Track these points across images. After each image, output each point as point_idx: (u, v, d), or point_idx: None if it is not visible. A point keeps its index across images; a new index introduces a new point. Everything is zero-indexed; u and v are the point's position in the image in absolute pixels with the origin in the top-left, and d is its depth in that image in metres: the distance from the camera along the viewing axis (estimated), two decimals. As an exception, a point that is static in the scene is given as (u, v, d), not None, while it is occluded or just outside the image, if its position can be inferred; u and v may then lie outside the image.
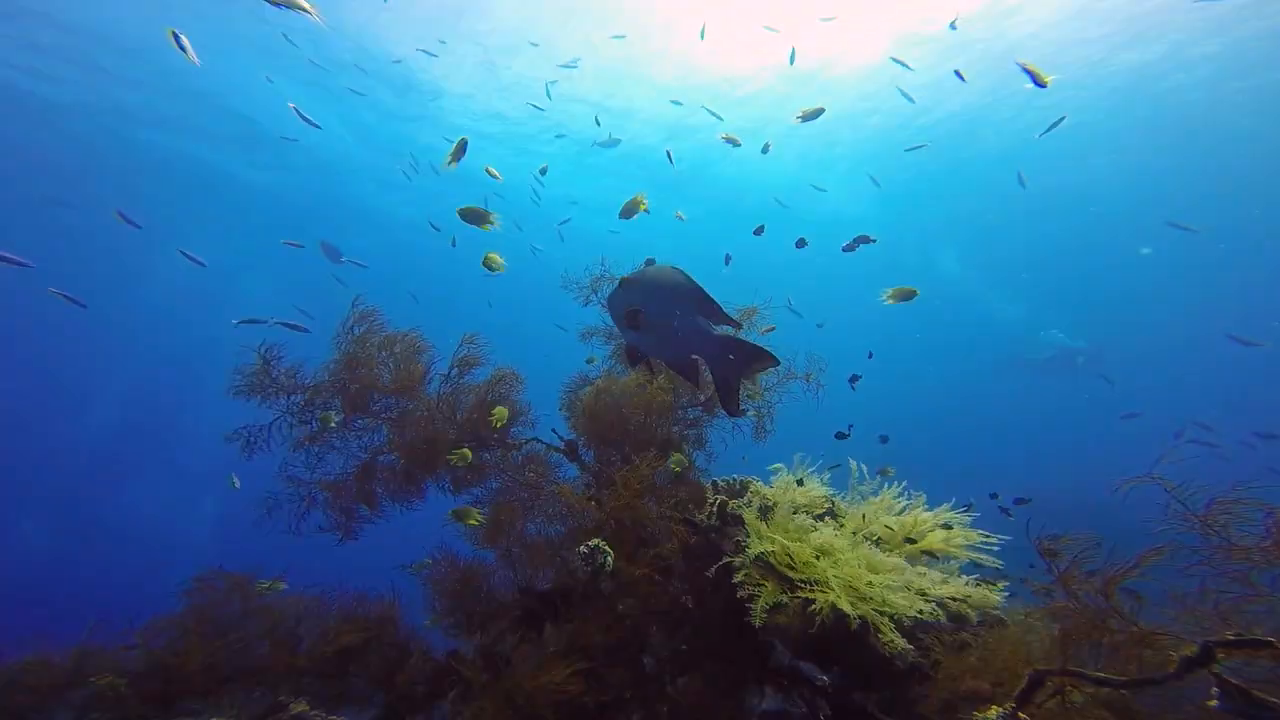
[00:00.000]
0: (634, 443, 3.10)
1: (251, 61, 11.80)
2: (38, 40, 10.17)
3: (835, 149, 15.54)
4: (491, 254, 2.91)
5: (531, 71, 12.07)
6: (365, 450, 3.11)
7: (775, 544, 2.27)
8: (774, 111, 13.92)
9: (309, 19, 3.07)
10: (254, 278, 22.76)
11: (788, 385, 3.38)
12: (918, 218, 19.36)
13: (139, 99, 12.30)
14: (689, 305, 2.31)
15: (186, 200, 16.78)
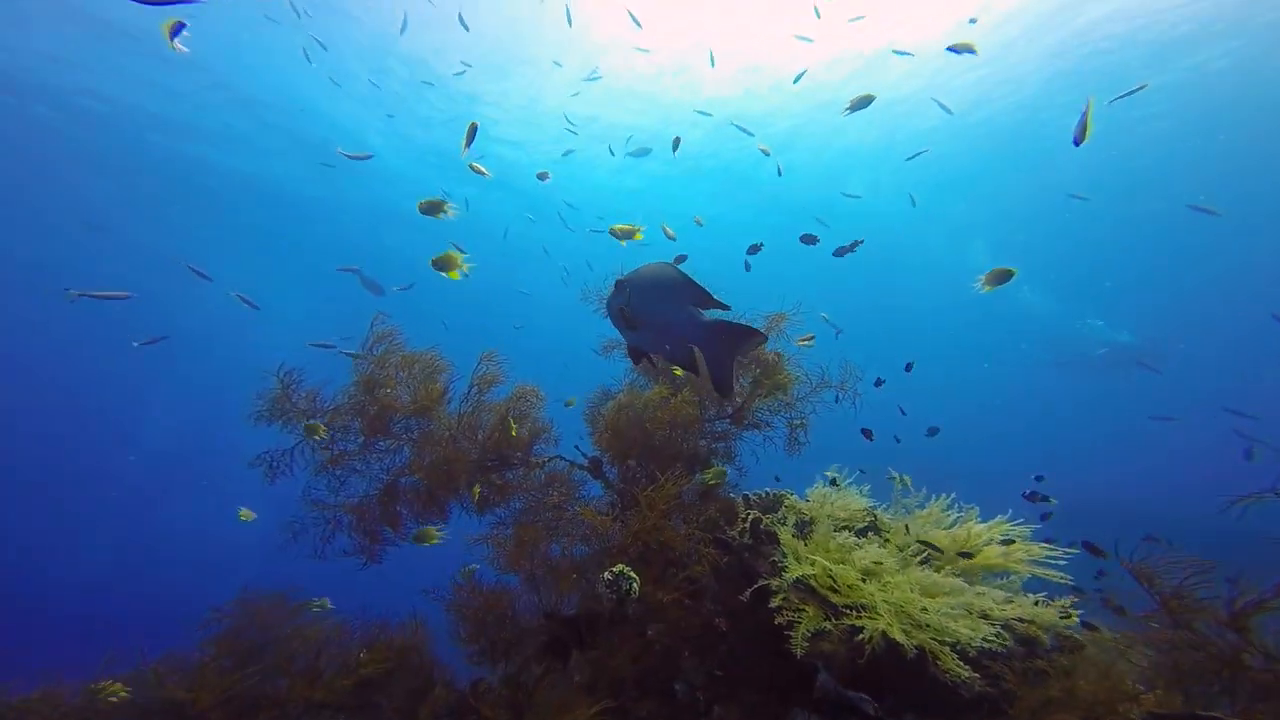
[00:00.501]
0: (659, 458, 2.96)
1: (303, 81, 12.28)
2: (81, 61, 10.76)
3: (858, 146, 15.28)
4: (451, 253, 2.86)
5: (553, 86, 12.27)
6: (386, 472, 3.06)
7: (816, 566, 2.09)
8: (802, 115, 13.82)
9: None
10: (288, 301, 23.61)
11: (821, 394, 3.19)
12: (946, 211, 18.79)
13: (178, 115, 12.86)
14: (679, 297, 2.27)
15: (218, 222, 17.52)
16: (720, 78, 12.22)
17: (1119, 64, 12.30)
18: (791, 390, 3.21)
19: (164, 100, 11.86)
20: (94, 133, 12.60)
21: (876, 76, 12.47)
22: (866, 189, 16.06)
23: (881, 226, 19.03)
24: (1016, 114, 14.01)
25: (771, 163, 14.44)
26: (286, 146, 13.94)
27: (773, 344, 3.26)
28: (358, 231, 18.06)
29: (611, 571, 2.11)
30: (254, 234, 17.98)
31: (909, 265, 22.65)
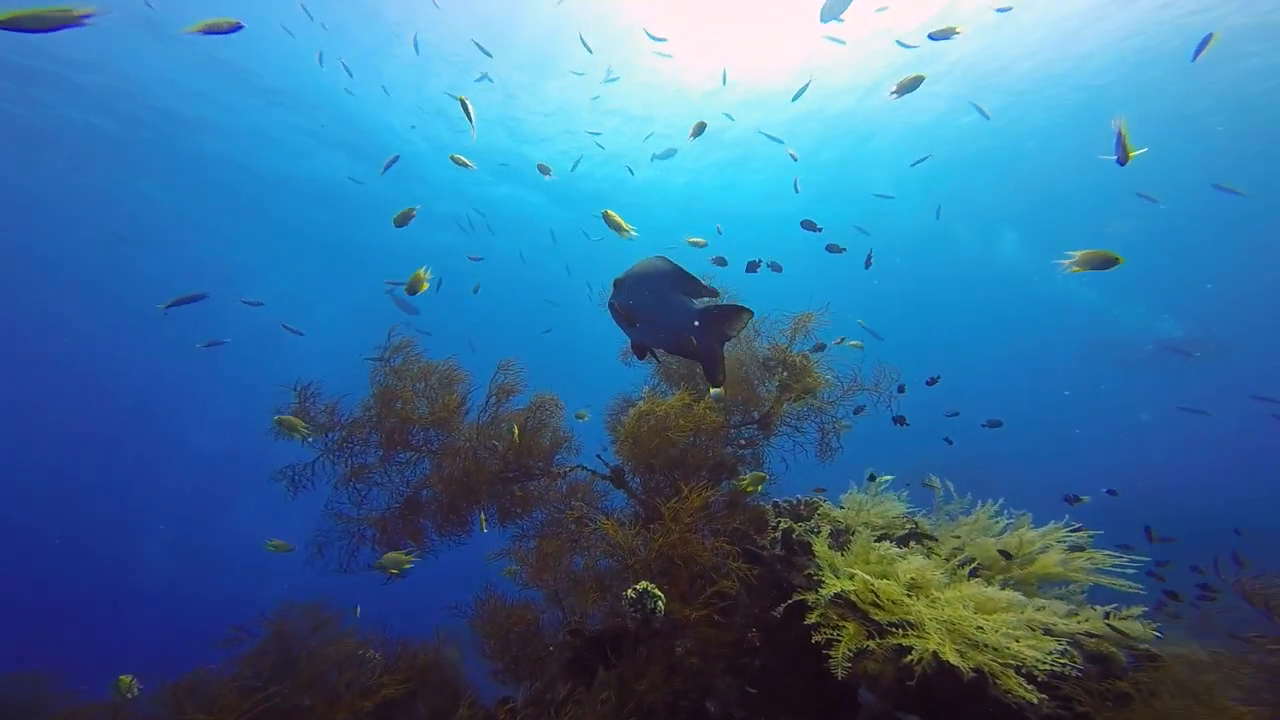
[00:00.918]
0: (683, 466, 2.84)
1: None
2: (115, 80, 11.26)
3: (872, 141, 14.91)
4: (419, 271, 2.87)
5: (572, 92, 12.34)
6: (407, 485, 3.02)
7: (856, 580, 1.94)
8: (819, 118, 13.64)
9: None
10: (324, 309, 24.23)
11: (854, 397, 3.03)
12: (971, 202, 18.14)
13: (220, 120, 13.31)
14: (670, 287, 2.27)
15: (257, 234, 18.10)
16: (745, 81, 12.08)
17: (1154, 47, 11.75)
18: (821, 394, 3.05)
19: (204, 105, 12.28)
20: (136, 138, 13.07)
21: (899, 70, 12.19)
22: (893, 187, 15.66)
23: (910, 225, 18.52)
24: (1045, 100, 13.49)
25: (801, 164, 14.28)
26: (323, 149, 14.25)
27: (802, 345, 3.12)
28: (394, 236, 18.32)
29: (635, 589, 2.00)
30: (292, 238, 18.43)
31: (938, 261, 21.91)
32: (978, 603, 1.75)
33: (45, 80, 10.97)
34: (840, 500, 3.76)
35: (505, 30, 10.80)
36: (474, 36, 10.43)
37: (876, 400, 2.99)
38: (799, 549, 2.91)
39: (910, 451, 4.40)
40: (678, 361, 3.61)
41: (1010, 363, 30.48)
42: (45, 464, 26.18)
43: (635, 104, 12.91)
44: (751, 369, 3.34)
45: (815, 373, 3.00)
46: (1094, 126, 14.03)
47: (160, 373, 25.98)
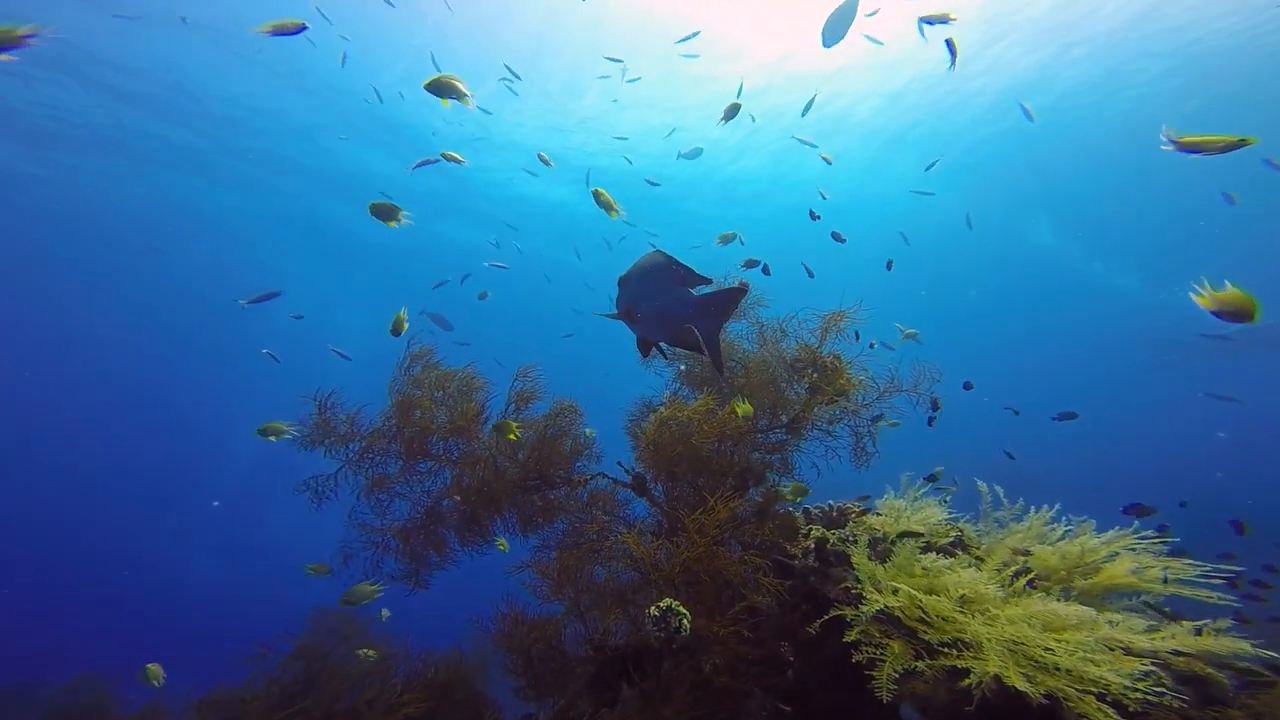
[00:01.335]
0: (708, 473, 2.72)
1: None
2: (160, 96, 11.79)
3: (901, 133, 14.49)
4: (399, 315, 2.85)
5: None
6: (428, 495, 2.99)
7: (900, 595, 1.78)
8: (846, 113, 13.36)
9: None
10: (349, 314, 24.87)
11: (891, 399, 2.85)
12: (1000, 191, 17.41)
13: (256, 123, 13.82)
14: (668, 280, 2.26)
15: (289, 243, 18.69)
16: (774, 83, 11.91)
17: (1190, 27, 11.11)
18: (854, 395, 2.88)
19: (238, 108, 12.77)
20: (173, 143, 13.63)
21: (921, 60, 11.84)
22: (917, 182, 15.18)
23: (939, 220, 17.92)
24: (1073, 84, 12.88)
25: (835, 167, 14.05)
26: (358, 150, 14.60)
27: (833, 345, 2.96)
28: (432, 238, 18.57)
29: (659, 607, 1.89)
30: (322, 242, 18.91)
31: (968, 252, 21.09)
32: (1043, 620, 1.58)
33: (82, 78, 11.39)
34: (876, 506, 3.57)
35: (546, 34, 10.87)
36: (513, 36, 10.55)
37: (916, 402, 2.80)
38: (834, 559, 2.75)
39: (949, 455, 4.16)
40: (700, 365, 3.49)
41: (1047, 356, 29.10)
42: (96, 474, 27.46)
43: (661, 103, 12.85)
44: (778, 370, 3.20)
45: (848, 374, 2.84)
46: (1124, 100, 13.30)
47: (201, 382, 27.02)
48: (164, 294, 21.23)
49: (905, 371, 2.79)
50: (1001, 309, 25.34)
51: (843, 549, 2.80)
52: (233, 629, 14.74)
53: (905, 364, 2.80)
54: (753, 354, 3.24)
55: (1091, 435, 26.91)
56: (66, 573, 23.72)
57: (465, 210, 17.14)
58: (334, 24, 9.71)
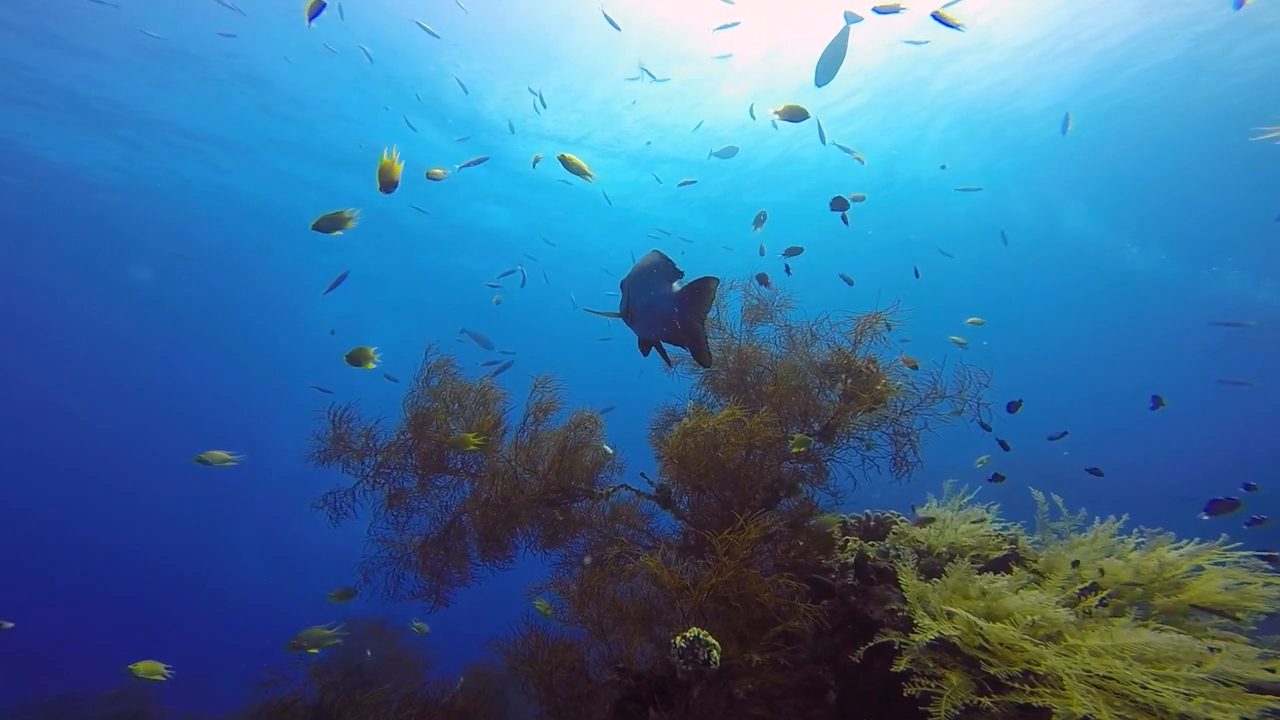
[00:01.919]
0: (736, 485, 2.56)
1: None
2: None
3: (928, 119, 14.06)
4: (365, 350, 2.72)
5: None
6: (445, 510, 2.91)
7: (957, 621, 1.59)
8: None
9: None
10: (385, 322, 25.34)
11: (933, 406, 2.65)
12: (1031, 174, 16.67)
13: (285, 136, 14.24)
14: (659, 278, 2.30)
15: (318, 248, 19.12)
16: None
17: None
18: (891, 403, 2.69)
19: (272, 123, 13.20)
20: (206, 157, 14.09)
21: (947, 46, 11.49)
22: (948, 173, 14.70)
23: (967, 212, 17.35)
24: (1104, 63, 12.29)
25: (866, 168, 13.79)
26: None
27: (869, 349, 2.78)
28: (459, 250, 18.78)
29: (685, 637, 1.74)
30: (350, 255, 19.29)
31: (998, 244, 20.27)
32: (1135, 651, 1.37)
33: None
34: (917, 515, 3.34)
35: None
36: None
37: (960, 407, 2.58)
38: (876, 576, 2.55)
39: (995, 462, 3.88)
40: (724, 371, 3.34)
41: (1085, 348, 27.68)
42: (138, 486, 28.40)
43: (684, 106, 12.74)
44: (809, 376, 3.03)
45: (886, 379, 2.65)
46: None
47: (233, 395, 27.80)
48: (195, 303, 21.94)
49: (949, 375, 2.58)
50: (1035, 299, 24.21)
51: (885, 565, 2.61)
52: (276, 635, 14.96)
53: (949, 368, 2.60)
54: (781, 359, 3.08)
55: (1140, 429, 25.44)
56: (105, 581, 24.53)
57: (505, 197, 17.20)
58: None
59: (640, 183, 16.02)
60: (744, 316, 3.32)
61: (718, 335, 3.32)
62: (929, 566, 2.77)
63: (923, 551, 2.92)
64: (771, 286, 3.32)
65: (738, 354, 3.26)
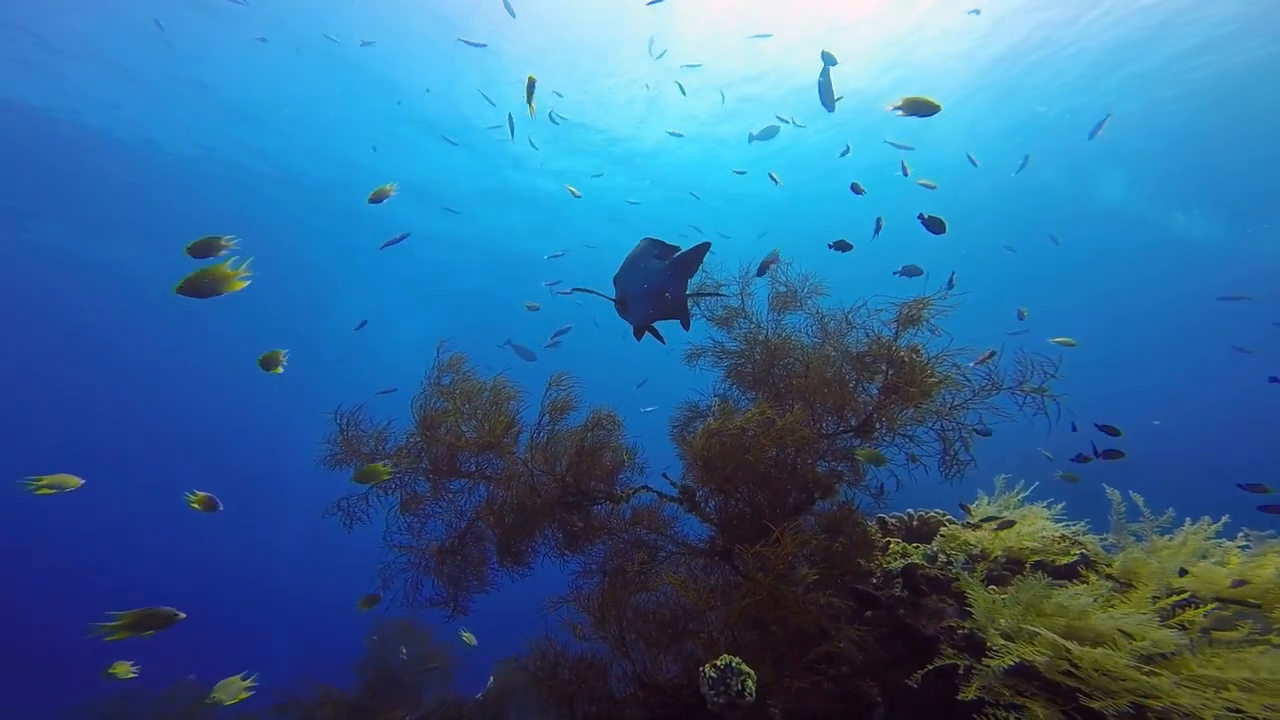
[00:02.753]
0: (767, 488, 2.35)
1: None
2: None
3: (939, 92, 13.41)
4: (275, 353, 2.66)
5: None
6: (459, 515, 2.78)
7: (1040, 644, 1.36)
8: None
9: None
10: (409, 325, 25.64)
11: (987, 400, 2.38)
12: (1062, 145, 15.64)
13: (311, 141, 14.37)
14: (648, 259, 2.36)
15: (350, 256, 19.48)
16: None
17: None
18: (938, 396, 2.43)
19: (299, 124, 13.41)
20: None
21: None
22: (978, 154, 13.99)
23: (993, 183, 16.38)
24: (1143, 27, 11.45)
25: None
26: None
27: (912, 338, 2.53)
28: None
29: (716, 666, 1.55)
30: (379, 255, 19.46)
31: (1030, 219, 19.09)
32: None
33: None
34: (966, 514, 3.07)
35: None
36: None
37: (1022, 402, 2.30)
38: (927, 586, 2.31)
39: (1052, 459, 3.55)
40: (751, 363, 3.12)
41: (1131, 324, 25.95)
42: (177, 487, 29.26)
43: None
44: (844, 367, 2.79)
45: (933, 370, 2.40)
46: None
47: (254, 398, 28.27)
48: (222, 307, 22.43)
49: (1007, 364, 2.30)
50: (1074, 272, 22.65)
51: (937, 573, 2.37)
52: (316, 636, 15.17)
53: (1007, 356, 2.32)
54: (813, 348, 2.85)
55: (1183, 412, 23.82)
56: (149, 583, 25.44)
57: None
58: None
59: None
60: (771, 305, 3.09)
61: (744, 325, 3.10)
62: (986, 574, 2.51)
63: (975, 556, 2.67)
64: (777, 269, 3.08)
65: (765, 345, 3.04)
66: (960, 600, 2.12)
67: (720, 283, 3.12)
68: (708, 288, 3.14)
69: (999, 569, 2.49)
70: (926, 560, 2.62)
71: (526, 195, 16.61)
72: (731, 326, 3.19)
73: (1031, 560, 2.36)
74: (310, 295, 22.56)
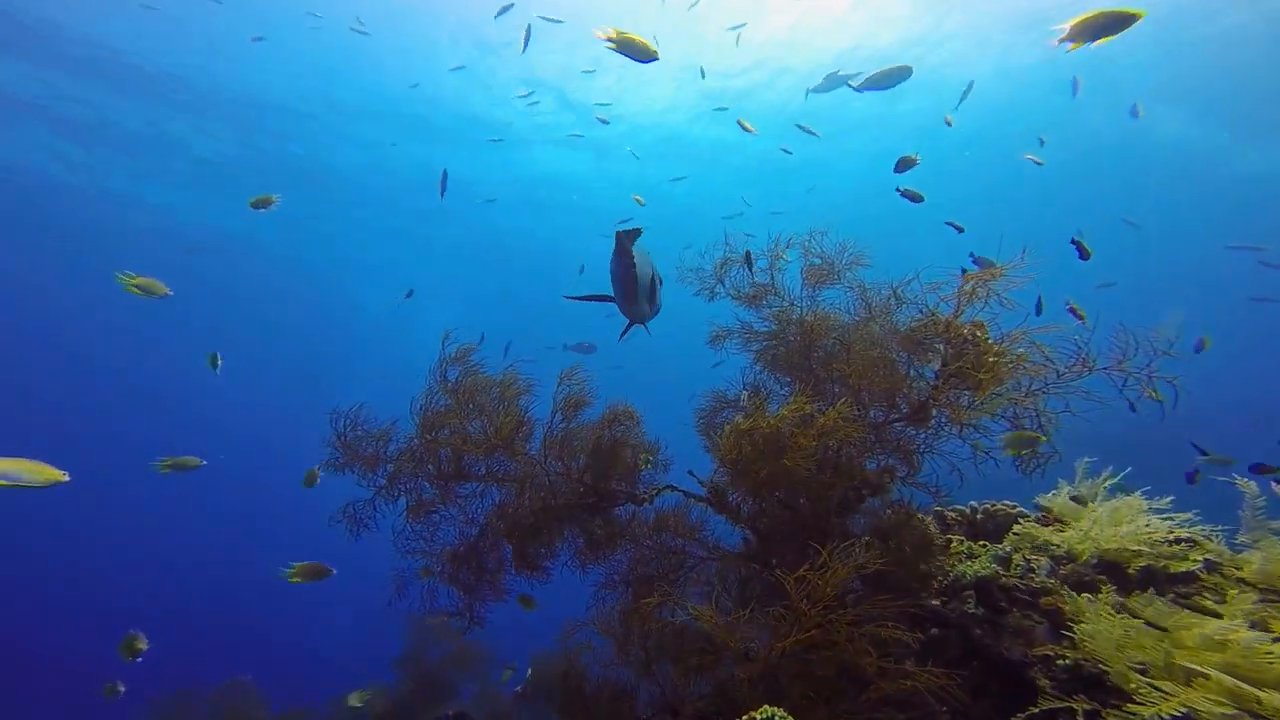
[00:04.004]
0: (808, 490, 2.04)
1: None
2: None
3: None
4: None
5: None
6: (469, 521, 2.58)
7: (1213, 686, 1.02)
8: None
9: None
10: (441, 304, 25.78)
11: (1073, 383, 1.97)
12: (1116, 87, 13.93)
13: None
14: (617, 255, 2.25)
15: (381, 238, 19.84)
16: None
17: None
18: (1008, 378, 2.04)
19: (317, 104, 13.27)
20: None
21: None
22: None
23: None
24: None
25: None
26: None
27: (974, 313, 2.15)
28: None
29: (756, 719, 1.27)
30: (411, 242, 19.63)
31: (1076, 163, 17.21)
32: None
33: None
34: (1042, 507, 2.66)
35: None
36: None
37: (1121, 385, 1.87)
38: (1006, 600, 1.95)
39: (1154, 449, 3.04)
40: (783, 345, 2.78)
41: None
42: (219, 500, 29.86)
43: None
44: (891, 346, 2.42)
45: (1001, 349, 2.01)
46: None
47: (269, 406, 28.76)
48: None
49: (1101, 340, 1.88)
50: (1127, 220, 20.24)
51: (1016, 582, 2.00)
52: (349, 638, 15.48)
53: (1102, 333, 1.90)
54: (856, 326, 2.49)
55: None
56: (193, 585, 26.22)
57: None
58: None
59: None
60: (805, 279, 2.74)
61: (774, 303, 2.77)
62: (1073, 579, 2.13)
63: (1059, 558, 2.28)
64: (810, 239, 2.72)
65: (799, 325, 2.69)
66: (1052, 618, 1.77)
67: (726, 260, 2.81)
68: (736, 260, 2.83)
69: (1090, 574, 2.11)
70: (998, 563, 2.26)
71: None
72: (761, 305, 2.86)
73: (1136, 565, 1.97)
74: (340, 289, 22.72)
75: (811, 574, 1.50)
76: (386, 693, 5.75)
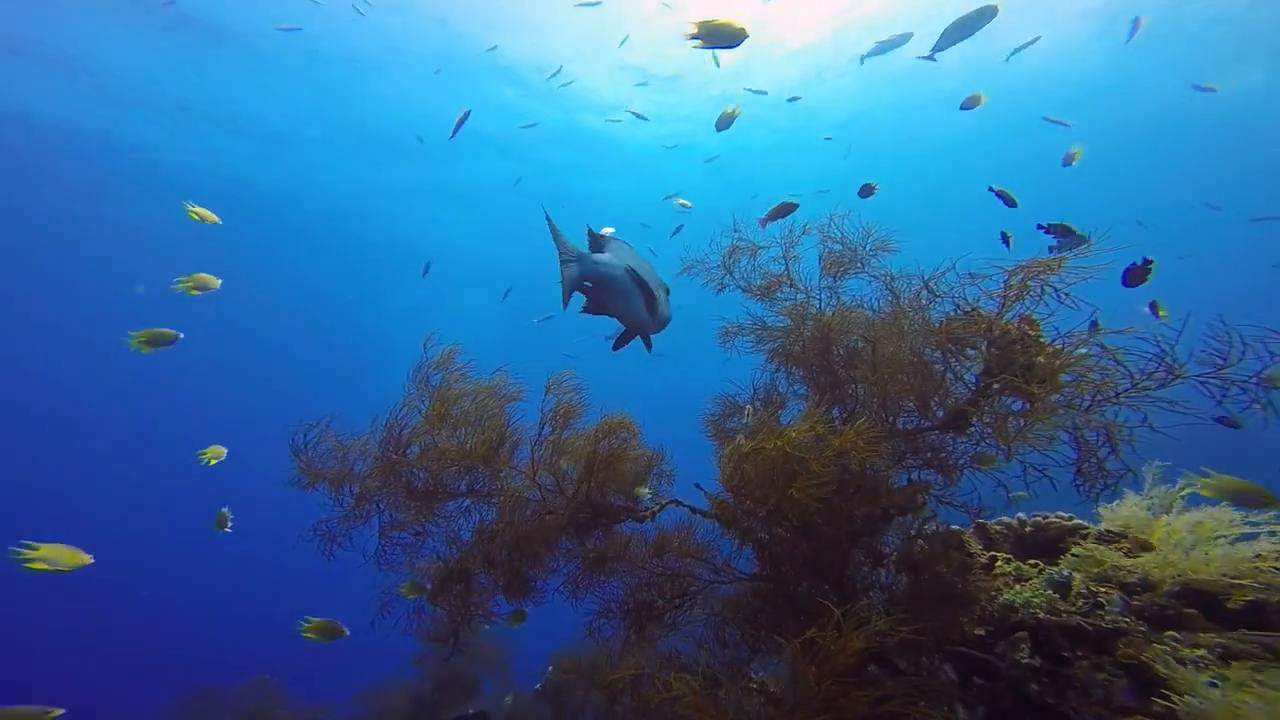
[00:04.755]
0: (827, 515, 1.75)
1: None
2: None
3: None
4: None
5: None
6: (452, 543, 2.36)
7: None
8: None
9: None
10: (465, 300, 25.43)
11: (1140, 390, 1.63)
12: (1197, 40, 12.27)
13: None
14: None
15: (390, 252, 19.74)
16: None
17: None
18: (1062, 385, 1.71)
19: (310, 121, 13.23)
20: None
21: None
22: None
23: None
24: None
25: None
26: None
27: (1023, 309, 1.81)
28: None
29: None
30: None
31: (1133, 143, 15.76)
32: None
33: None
34: (1099, 519, 2.32)
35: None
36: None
37: (1206, 392, 1.53)
38: (1068, 645, 1.65)
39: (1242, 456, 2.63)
40: (800, 342, 2.48)
41: None
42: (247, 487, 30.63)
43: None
44: (921, 345, 2.09)
45: (1056, 349, 1.68)
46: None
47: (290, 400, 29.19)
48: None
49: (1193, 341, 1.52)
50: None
51: (1080, 621, 1.69)
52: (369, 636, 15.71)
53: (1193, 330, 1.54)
54: (882, 321, 2.17)
55: None
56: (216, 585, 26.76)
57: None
58: None
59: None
60: (824, 269, 2.42)
61: (789, 295, 2.46)
62: (1150, 614, 1.81)
63: (1131, 586, 1.95)
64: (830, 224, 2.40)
65: (816, 322, 2.38)
66: (1134, 673, 1.46)
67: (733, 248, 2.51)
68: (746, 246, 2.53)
69: (1175, 607, 1.79)
70: (1053, 587, 1.94)
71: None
72: (773, 298, 2.55)
73: (1239, 600, 1.65)
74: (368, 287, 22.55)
75: (822, 635, 1.22)
76: (407, 690, 5.70)
